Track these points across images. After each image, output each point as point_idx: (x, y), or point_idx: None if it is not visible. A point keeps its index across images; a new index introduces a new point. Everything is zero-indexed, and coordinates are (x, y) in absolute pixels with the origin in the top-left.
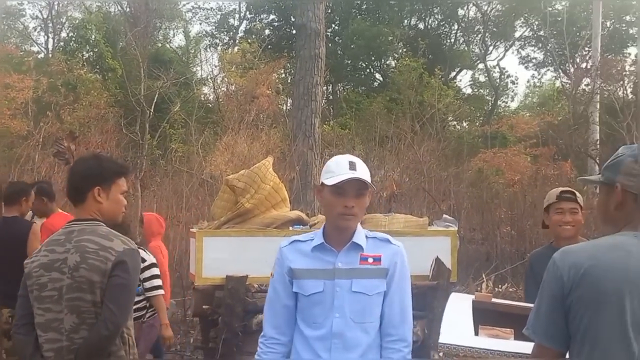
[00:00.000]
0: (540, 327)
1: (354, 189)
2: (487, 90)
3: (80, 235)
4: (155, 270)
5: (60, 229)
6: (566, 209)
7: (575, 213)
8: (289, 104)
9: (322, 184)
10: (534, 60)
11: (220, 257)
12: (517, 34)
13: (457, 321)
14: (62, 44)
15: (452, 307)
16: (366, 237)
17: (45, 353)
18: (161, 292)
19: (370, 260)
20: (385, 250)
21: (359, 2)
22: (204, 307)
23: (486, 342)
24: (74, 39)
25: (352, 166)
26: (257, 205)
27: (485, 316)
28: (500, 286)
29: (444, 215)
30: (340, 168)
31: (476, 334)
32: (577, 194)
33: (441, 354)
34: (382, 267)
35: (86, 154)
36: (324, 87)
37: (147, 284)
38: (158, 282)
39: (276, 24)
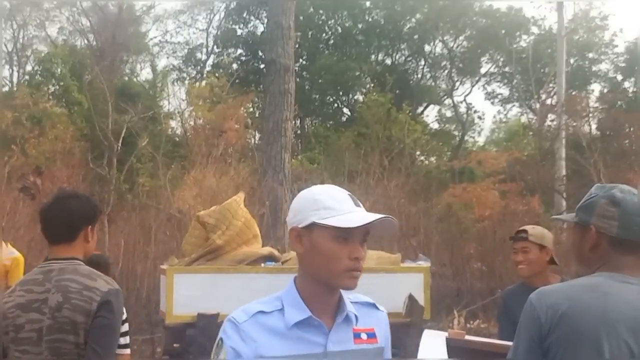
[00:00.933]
0: None
1: (361, 233)
2: (454, 126)
3: (61, 275)
4: (127, 326)
5: (36, 267)
6: (518, 249)
7: (527, 252)
8: (257, 139)
9: (313, 224)
10: (499, 96)
11: (191, 294)
12: (482, 70)
13: None
14: (27, 77)
15: (426, 345)
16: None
17: None
18: (129, 351)
19: (364, 336)
20: (376, 321)
21: (326, 37)
22: (174, 345)
23: None
24: (39, 72)
25: (355, 201)
26: (229, 241)
27: (458, 354)
28: (471, 322)
29: (420, 255)
30: (342, 204)
31: None
32: (532, 231)
33: None
34: (378, 345)
35: (67, 191)
36: (293, 122)
37: (122, 340)
38: (128, 339)
39: (244, 58)
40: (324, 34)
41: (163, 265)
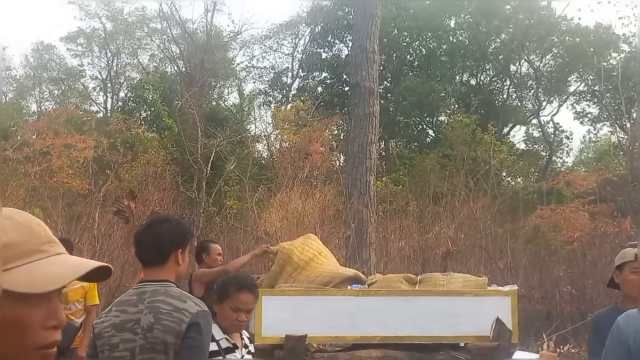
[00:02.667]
0: None
1: None
2: (542, 146)
3: (154, 296)
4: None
5: (131, 289)
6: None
7: None
8: (342, 161)
9: None
10: (589, 115)
11: (279, 316)
12: (571, 89)
13: None
14: (120, 103)
15: None
16: None
17: None
18: None
19: None
20: None
21: (410, 59)
22: None
23: None
24: (132, 98)
25: None
26: (306, 260)
27: None
28: (562, 347)
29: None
30: None
31: None
32: None
33: None
34: None
35: (159, 216)
36: (377, 144)
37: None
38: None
39: (328, 81)
40: (408, 56)
41: None
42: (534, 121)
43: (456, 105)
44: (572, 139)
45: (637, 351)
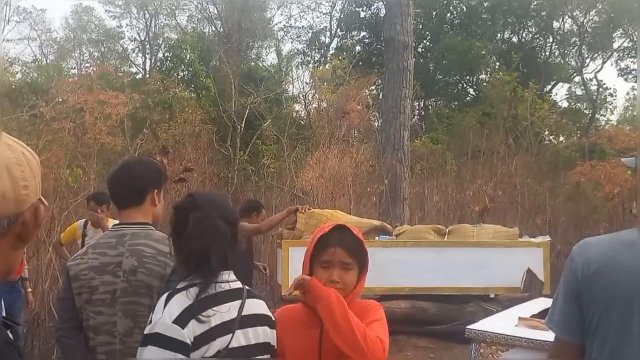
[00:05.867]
0: (557, 320)
1: None
2: (585, 104)
3: (135, 239)
4: None
5: (108, 231)
6: None
7: None
8: (380, 120)
9: None
10: (633, 72)
11: None
12: (615, 45)
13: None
14: (158, 64)
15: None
16: None
17: (98, 356)
18: None
19: None
20: None
21: (451, 17)
22: None
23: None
24: (170, 59)
25: None
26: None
27: None
28: None
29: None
30: None
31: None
32: None
33: None
34: None
35: (131, 158)
36: (416, 102)
37: None
38: None
39: (367, 40)
40: (448, 14)
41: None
42: (577, 79)
43: (497, 64)
44: (616, 96)
45: (583, 282)
